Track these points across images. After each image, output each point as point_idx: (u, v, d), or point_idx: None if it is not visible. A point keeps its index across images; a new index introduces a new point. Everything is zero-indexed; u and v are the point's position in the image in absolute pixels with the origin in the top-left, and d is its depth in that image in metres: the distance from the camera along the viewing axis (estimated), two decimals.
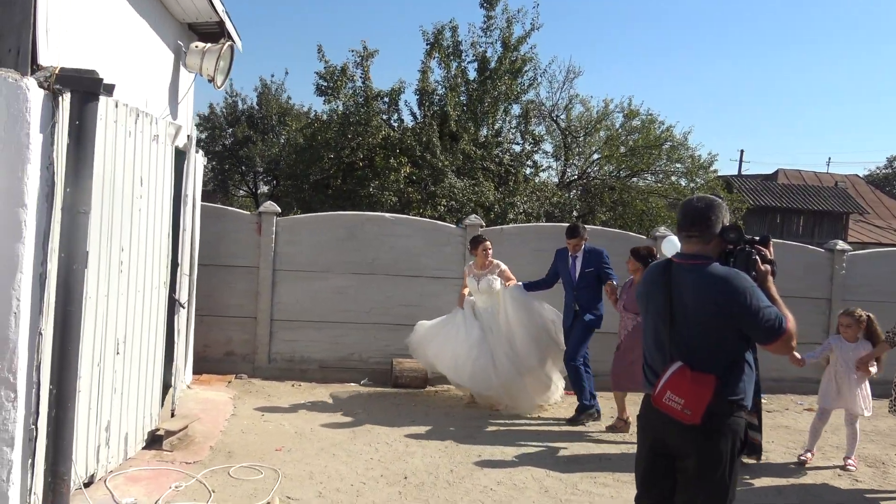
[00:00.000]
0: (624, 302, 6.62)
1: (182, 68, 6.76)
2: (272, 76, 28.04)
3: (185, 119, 6.46)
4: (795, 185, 30.44)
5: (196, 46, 6.70)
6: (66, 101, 3.71)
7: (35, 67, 3.65)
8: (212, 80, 6.76)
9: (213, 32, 7.01)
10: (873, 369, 5.81)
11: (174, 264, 5.72)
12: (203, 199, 7.88)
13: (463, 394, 7.62)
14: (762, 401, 8.16)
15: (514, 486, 5.16)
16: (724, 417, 2.86)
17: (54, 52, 3.87)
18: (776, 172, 33.55)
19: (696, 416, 2.80)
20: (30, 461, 3.71)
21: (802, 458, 6.03)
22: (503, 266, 7.28)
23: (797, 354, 5.89)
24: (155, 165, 5.19)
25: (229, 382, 7.84)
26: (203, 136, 25.86)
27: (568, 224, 7.91)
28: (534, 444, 6.21)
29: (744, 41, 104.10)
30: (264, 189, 25.34)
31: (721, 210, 2.99)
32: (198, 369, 7.98)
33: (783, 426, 7.29)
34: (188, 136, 5.89)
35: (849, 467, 5.88)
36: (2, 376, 3.54)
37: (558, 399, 7.42)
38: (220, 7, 6.53)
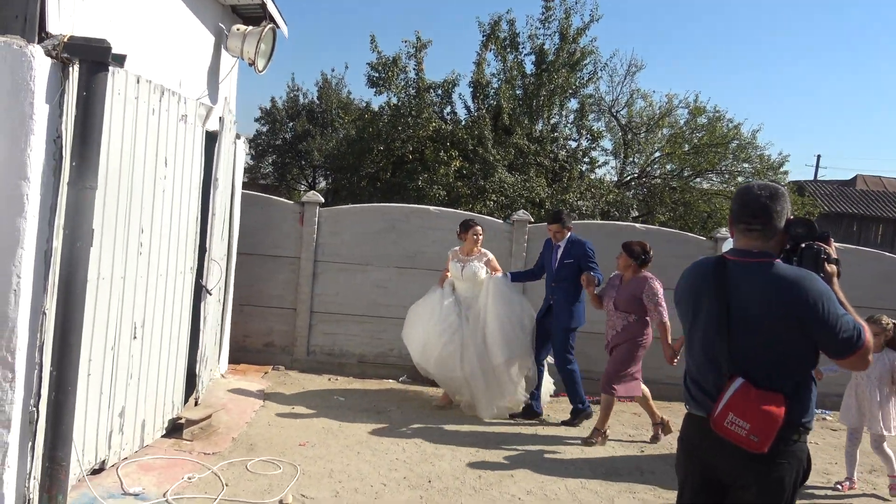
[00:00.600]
0: (613, 300, 6.12)
1: (224, 52, 6.64)
2: (332, 70, 28.25)
3: (225, 103, 6.31)
4: (875, 192, 28.78)
5: (237, 29, 6.56)
6: (75, 71, 3.56)
7: (43, 35, 3.50)
8: (252, 64, 6.61)
9: (257, 16, 6.86)
10: None
11: (202, 249, 5.57)
12: (263, 192, 7.78)
13: (435, 393, 7.18)
14: (827, 418, 7.63)
15: (544, 497, 4.81)
16: (789, 443, 2.44)
17: (68, 21, 3.72)
18: (854, 178, 31.89)
19: (764, 444, 2.38)
20: (29, 444, 3.57)
21: (839, 485, 5.45)
22: (490, 255, 6.89)
23: (820, 369, 5.38)
24: (182, 146, 5.05)
25: (265, 373, 7.70)
26: (264, 130, 26.23)
27: (633, 224, 7.52)
28: (573, 451, 5.84)
29: (822, 39, 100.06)
30: (323, 184, 25.50)
31: (786, 201, 2.56)
32: (236, 359, 7.87)
33: (811, 442, 6.70)
34: (220, 118, 5.73)
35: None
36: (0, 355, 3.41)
37: (520, 404, 6.73)
38: None
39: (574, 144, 14.95)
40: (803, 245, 2.55)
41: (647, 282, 5.94)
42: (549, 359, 6.89)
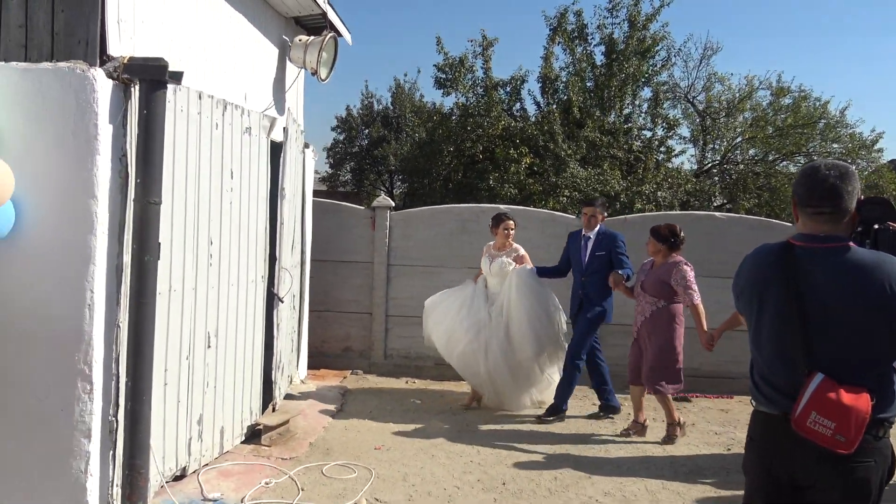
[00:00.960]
0: (642, 283, 5.83)
1: (288, 63, 6.77)
2: (405, 75, 28.43)
3: (288, 113, 6.43)
4: None
5: (300, 40, 6.67)
6: (136, 91, 3.67)
7: (105, 59, 3.63)
8: (315, 74, 6.71)
9: (320, 26, 6.95)
10: None
11: (272, 258, 5.68)
12: (343, 200, 7.91)
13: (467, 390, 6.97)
14: None
15: (623, 499, 4.65)
16: (874, 440, 2.26)
17: (128, 44, 3.85)
18: None
19: (851, 444, 2.20)
20: (110, 453, 3.71)
21: None
22: (522, 251, 6.66)
23: None
24: (248, 158, 5.15)
25: (344, 378, 7.80)
26: (341, 139, 26.73)
27: (707, 212, 7.18)
28: (655, 450, 5.64)
29: None
30: (402, 188, 25.74)
31: (857, 180, 2.37)
32: (316, 364, 8.01)
33: None
34: (284, 128, 5.83)
35: None
36: (78, 368, 3.55)
37: (548, 403, 6.55)
38: None
39: (649, 134, 14.52)
40: (877, 226, 2.35)
41: (676, 266, 5.67)
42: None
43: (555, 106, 13.47)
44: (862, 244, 2.36)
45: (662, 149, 14.64)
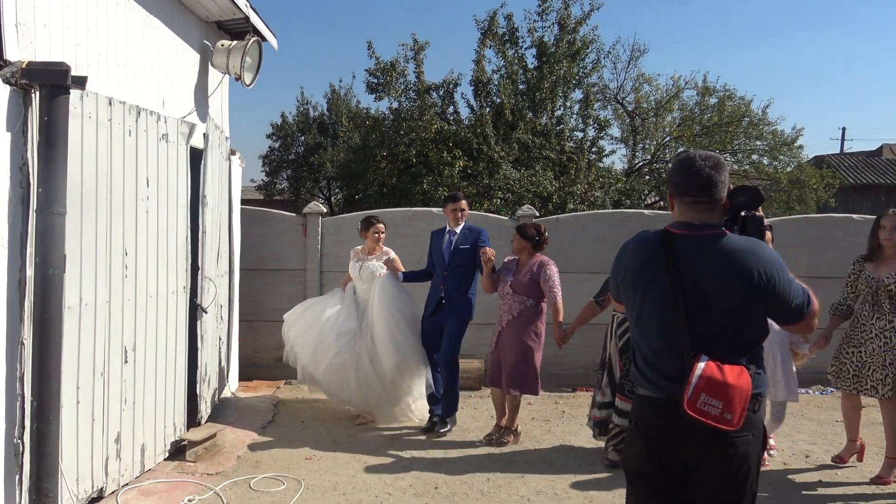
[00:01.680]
0: (509, 283, 5.75)
1: (210, 68, 6.61)
2: (340, 80, 28.18)
3: (210, 120, 6.27)
4: None
5: (222, 45, 6.52)
6: (37, 97, 3.52)
7: (1, 64, 3.46)
8: (239, 79, 6.57)
9: (243, 31, 6.81)
10: (804, 349, 5.13)
11: (194, 268, 5.52)
12: (280, 209, 7.72)
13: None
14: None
15: (554, 496, 4.68)
16: (752, 414, 2.37)
17: (28, 48, 3.68)
18: (880, 148, 31.08)
19: (737, 421, 2.32)
20: (17, 477, 3.53)
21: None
22: (393, 254, 6.51)
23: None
24: (165, 165, 5.00)
25: (277, 388, 7.66)
26: (276, 146, 26.33)
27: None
28: (588, 450, 5.69)
29: (839, 9, 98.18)
30: (340, 195, 25.42)
31: (727, 170, 2.51)
32: (248, 375, 7.85)
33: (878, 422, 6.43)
34: (205, 134, 5.68)
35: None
36: None
37: (422, 411, 6.38)
38: (242, 2, 6.32)
39: (580, 135, 14.76)
40: (744, 213, 2.50)
41: (545, 265, 5.75)
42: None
43: (487, 109, 13.56)
44: (731, 230, 2.48)
45: (594, 149, 14.90)
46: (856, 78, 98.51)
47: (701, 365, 2.32)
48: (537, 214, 8.33)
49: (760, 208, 2.56)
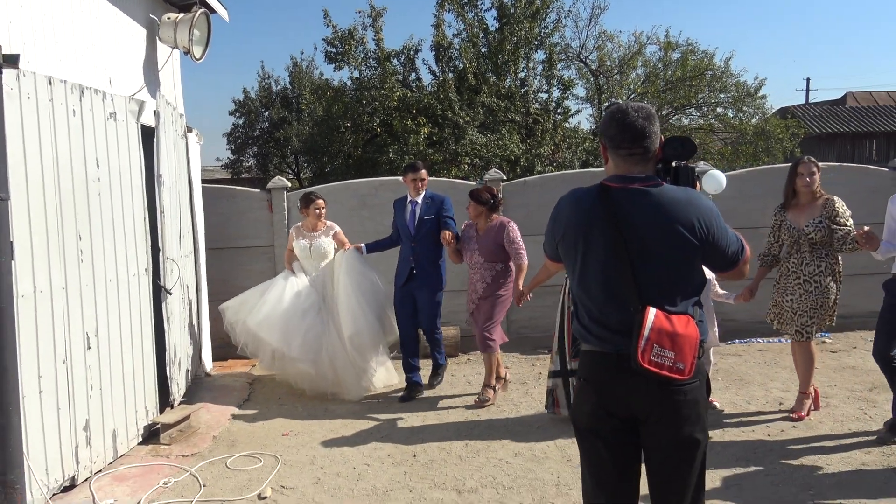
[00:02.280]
0: (475, 252, 5.82)
1: (159, 43, 6.40)
2: (301, 53, 27.64)
3: (160, 96, 6.08)
4: (866, 108, 28.13)
5: (168, 18, 6.31)
6: None
7: None
8: (189, 53, 6.38)
9: (191, 3, 6.60)
10: (730, 299, 5.34)
11: (155, 249, 5.39)
12: (248, 186, 7.54)
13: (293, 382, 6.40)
14: (827, 340, 7.49)
15: (532, 458, 4.68)
16: (697, 361, 2.38)
17: None
18: (844, 96, 31.31)
19: (689, 369, 2.32)
20: None
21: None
22: (337, 228, 6.49)
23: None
24: (115, 145, 4.84)
25: (252, 367, 7.55)
26: (240, 122, 25.86)
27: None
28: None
29: None
30: (309, 170, 25.04)
31: (657, 120, 2.48)
32: (223, 355, 7.71)
33: (849, 367, 6.55)
34: (155, 111, 5.50)
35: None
36: None
37: (389, 382, 6.49)
38: None
39: (545, 96, 14.64)
40: (675, 164, 2.50)
41: (506, 227, 5.79)
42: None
43: (450, 74, 13.39)
44: (663, 180, 2.47)
45: (559, 110, 14.80)
46: (819, 27, 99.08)
47: (650, 317, 2.30)
48: (505, 178, 8.28)
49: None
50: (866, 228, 4.39)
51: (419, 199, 6.18)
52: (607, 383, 2.43)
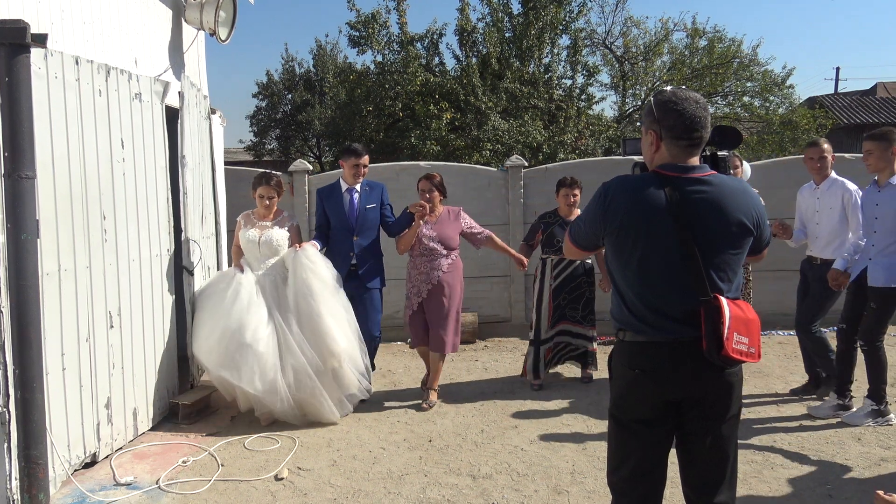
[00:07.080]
0: (438, 238, 5.49)
1: (184, 24, 6.42)
2: (326, 36, 27.59)
3: (185, 77, 6.10)
4: None
5: (194, 0, 6.33)
6: None
7: None
8: (214, 34, 6.40)
9: None
10: None
11: (177, 230, 5.43)
12: (270, 169, 7.49)
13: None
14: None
15: (548, 446, 4.68)
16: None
17: None
18: (874, 87, 30.65)
19: (758, 352, 2.41)
20: (5, 446, 3.50)
21: None
22: (296, 221, 5.56)
23: None
24: (140, 126, 4.87)
25: None
26: (263, 105, 25.92)
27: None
28: (582, 398, 5.70)
29: None
30: (330, 153, 25.00)
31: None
32: None
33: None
34: (180, 93, 5.52)
35: None
36: None
37: (365, 394, 5.44)
38: None
39: (569, 82, 14.50)
40: (719, 153, 2.51)
41: (459, 212, 5.71)
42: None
43: (474, 58, 13.30)
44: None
45: (583, 96, 14.66)
46: (850, 16, 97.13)
47: (725, 305, 2.33)
48: (526, 165, 8.23)
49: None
50: (779, 221, 4.84)
51: (357, 188, 5.68)
52: (667, 371, 2.41)
